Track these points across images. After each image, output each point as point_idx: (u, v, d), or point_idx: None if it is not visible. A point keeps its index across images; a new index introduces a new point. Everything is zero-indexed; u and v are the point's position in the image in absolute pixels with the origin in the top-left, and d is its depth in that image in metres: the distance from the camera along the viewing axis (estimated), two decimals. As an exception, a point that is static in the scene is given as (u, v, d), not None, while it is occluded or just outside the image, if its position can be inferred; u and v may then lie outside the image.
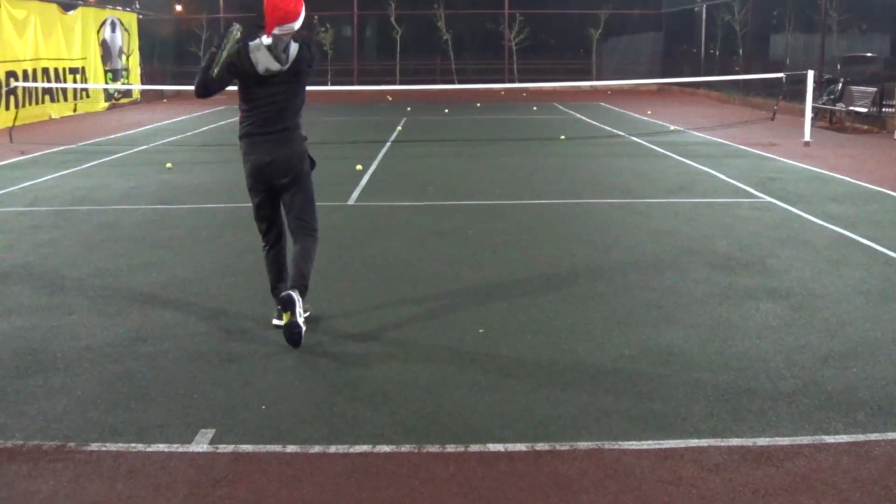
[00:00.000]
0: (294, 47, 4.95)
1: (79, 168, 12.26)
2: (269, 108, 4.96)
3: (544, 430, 3.77)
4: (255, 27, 4.96)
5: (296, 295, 4.79)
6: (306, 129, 5.21)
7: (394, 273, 6.45)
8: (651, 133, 16.29)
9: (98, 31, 23.55)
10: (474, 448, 3.62)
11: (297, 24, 4.87)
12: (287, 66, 4.90)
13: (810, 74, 14.79)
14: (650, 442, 3.66)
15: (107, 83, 23.88)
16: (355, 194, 9.88)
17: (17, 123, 16.39)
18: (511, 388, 4.26)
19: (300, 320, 4.77)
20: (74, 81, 21.76)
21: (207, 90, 4.94)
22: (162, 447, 3.66)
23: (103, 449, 3.64)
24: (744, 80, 22.52)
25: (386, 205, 9.24)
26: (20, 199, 9.77)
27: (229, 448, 3.64)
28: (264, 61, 4.85)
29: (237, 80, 4.96)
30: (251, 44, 4.88)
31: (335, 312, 5.50)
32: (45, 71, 20.31)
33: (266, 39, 4.83)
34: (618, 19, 33.81)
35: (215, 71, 4.80)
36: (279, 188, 5.07)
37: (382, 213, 8.85)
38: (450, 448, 3.62)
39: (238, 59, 4.84)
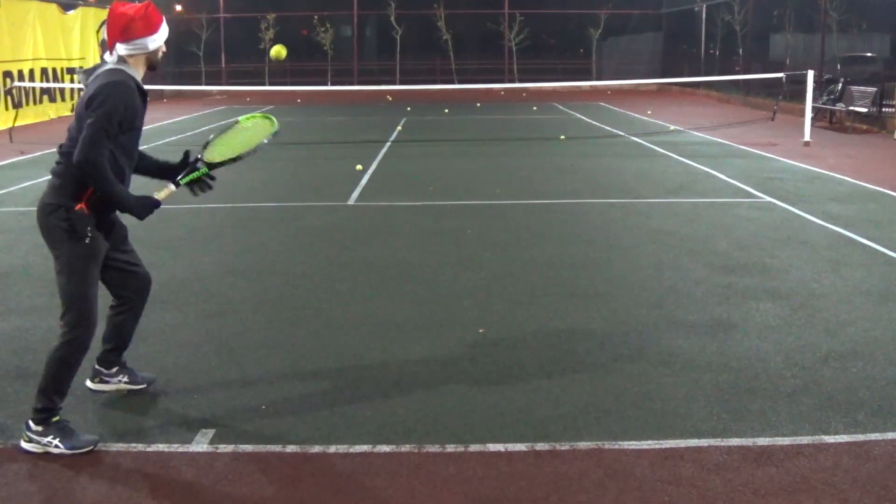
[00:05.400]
0: (101, 75, 3.67)
1: (79, 168, 12.23)
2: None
3: (544, 430, 3.77)
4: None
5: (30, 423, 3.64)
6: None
7: (394, 273, 6.45)
8: (651, 133, 16.28)
9: (98, 31, 23.53)
10: (474, 448, 3.62)
11: (144, 43, 3.69)
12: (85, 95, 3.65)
13: (810, 74, 14.80)
14: (650, 442, 3.66)
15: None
16: (355, 194, 9.88)
17: (17, 123, 16.38)
18: (511, 388, 4.26)
19: (26, 446, 3.62)
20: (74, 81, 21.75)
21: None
22: (162, 447, 3.66)
23: (103, 449, 3.64)
24: (744, 80, 22.51)
25: (386, 205, 9.24)
26: (20, 199, 9.76)
27: (229, 448, 3.64)
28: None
29: None
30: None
31: (335, 312, 5.51)
32: (45, 71, 20.30)
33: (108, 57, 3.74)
34: (618, 19, 33.81)
35: None
36: None
37: (382, 213, 8.85)
38: (450, 448, 3.62)
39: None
